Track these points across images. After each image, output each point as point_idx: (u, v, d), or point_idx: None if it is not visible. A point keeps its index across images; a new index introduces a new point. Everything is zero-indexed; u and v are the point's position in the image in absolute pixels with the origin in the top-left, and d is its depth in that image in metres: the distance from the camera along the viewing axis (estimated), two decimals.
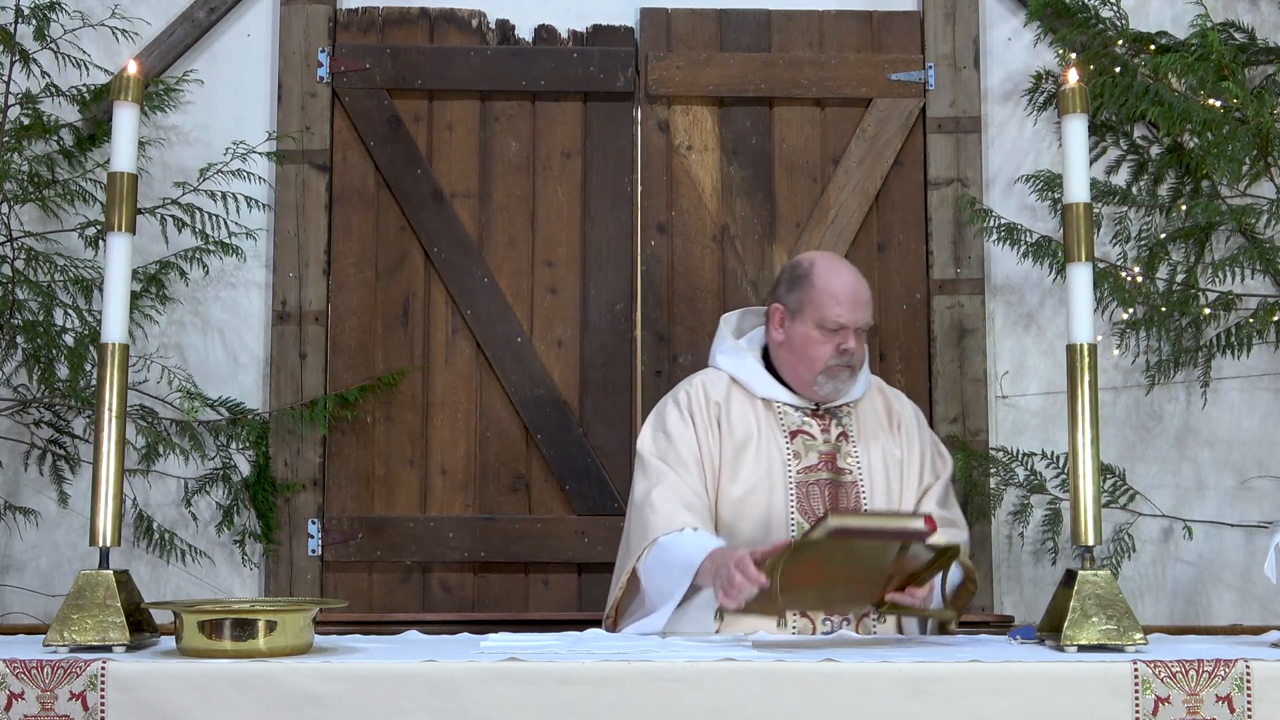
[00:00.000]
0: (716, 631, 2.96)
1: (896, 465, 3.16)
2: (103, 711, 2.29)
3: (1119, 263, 4.12)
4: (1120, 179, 4.21)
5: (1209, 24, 4.03)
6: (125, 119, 2.69)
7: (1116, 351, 4.13)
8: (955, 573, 2.93)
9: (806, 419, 3.15)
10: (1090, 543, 2.58)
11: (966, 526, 3.27)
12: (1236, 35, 4.17)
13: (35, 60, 4.07)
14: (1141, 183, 4.19)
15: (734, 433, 3.12)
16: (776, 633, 2.88)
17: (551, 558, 4.18)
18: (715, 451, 3.11)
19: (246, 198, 4.13)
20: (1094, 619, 2.49)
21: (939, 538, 2.77)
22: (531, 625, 3.87)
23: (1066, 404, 2.67)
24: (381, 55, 4.28)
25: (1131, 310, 4.06)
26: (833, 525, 2.56)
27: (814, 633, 2.97)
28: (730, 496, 3.08)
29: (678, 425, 3.13)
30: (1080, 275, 2.66)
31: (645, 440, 3.17)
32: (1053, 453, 4.09)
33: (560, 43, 4.33)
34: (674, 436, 3.12)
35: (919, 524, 2.63)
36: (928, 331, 4.26)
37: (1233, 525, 4.17)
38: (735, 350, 3.25)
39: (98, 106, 4.12)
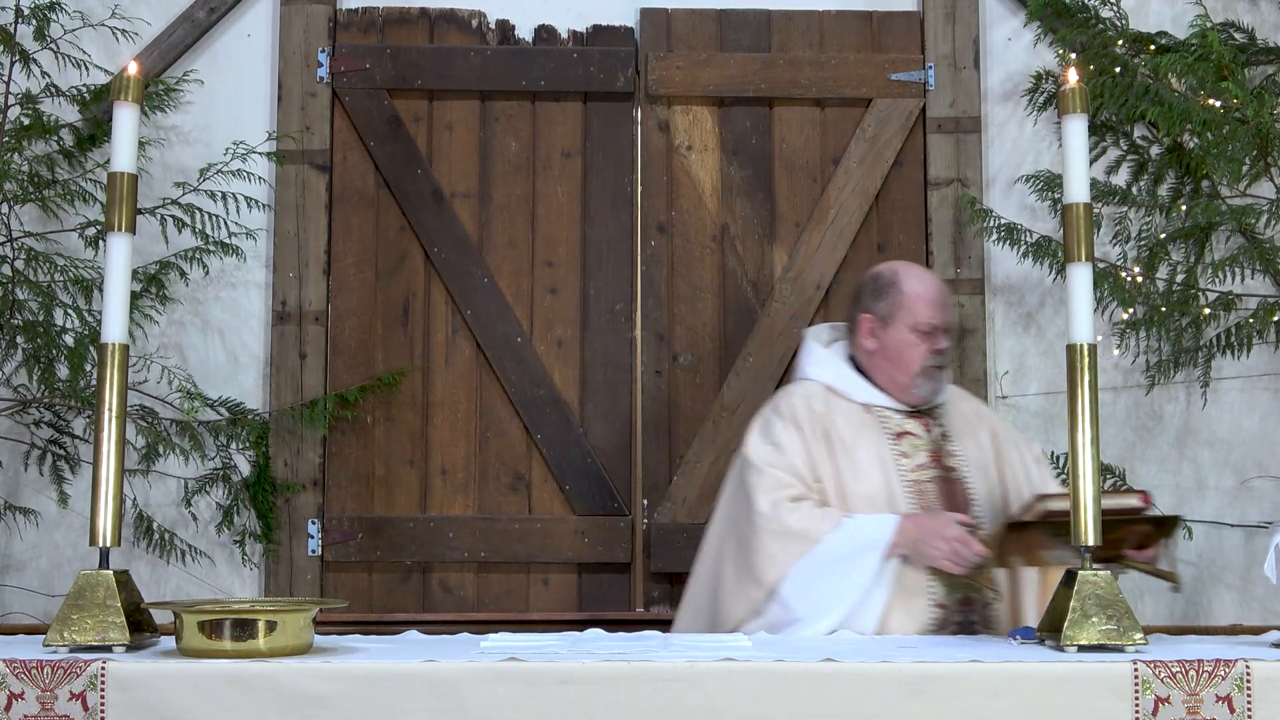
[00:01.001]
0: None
1: (992, 464, 3.24)
2: (103, 711, 2.28)
3: (1119, 263, 4.12)
4: (1120, 179, 4.21)
5: (1209, 24, 4.03)
6: (125, 119, 2.69)
7: (1116, 351, 4.13)
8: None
9: (908, 420, 3.20)
10: (1090, 543, 2.58)
11: None
12: (1236, 35, 4.17)
13: (35, 60, 4.07)
14: (1141, 183, 4.19)
15: (843, 439, 3.16)
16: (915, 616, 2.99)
17: (551, 558, 4.18)
18: (826, 459, 3.15)
19: (246, 198, 4.13)
20: (1094, 619, 2.49)
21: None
22: (531, 625, 3.88)
23: (1066, 404, 2.67)
24: (381, 55, 4.28)
25: (1131, 310, 4.06)
26: (1046, 508, 2.77)
27: (946, 626, 3.03)
28: (849, 502, 3.11)
29: (785, 435, 3.16)
30: (1080, 275, 2.66)
31: (752, 450, 3.17)
32: (1053, 453, 4.09)
33: (560, 43, 4.33)
34: (784, 446, 3.15)
35: (1134, 500, 2.84)
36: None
37: (1233, 525, 4.17)
38: (827, 360, 3.29)
39: (98, 106, 4.12)
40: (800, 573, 3.01)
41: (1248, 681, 2.31)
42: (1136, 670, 2.30)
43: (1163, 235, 4.12)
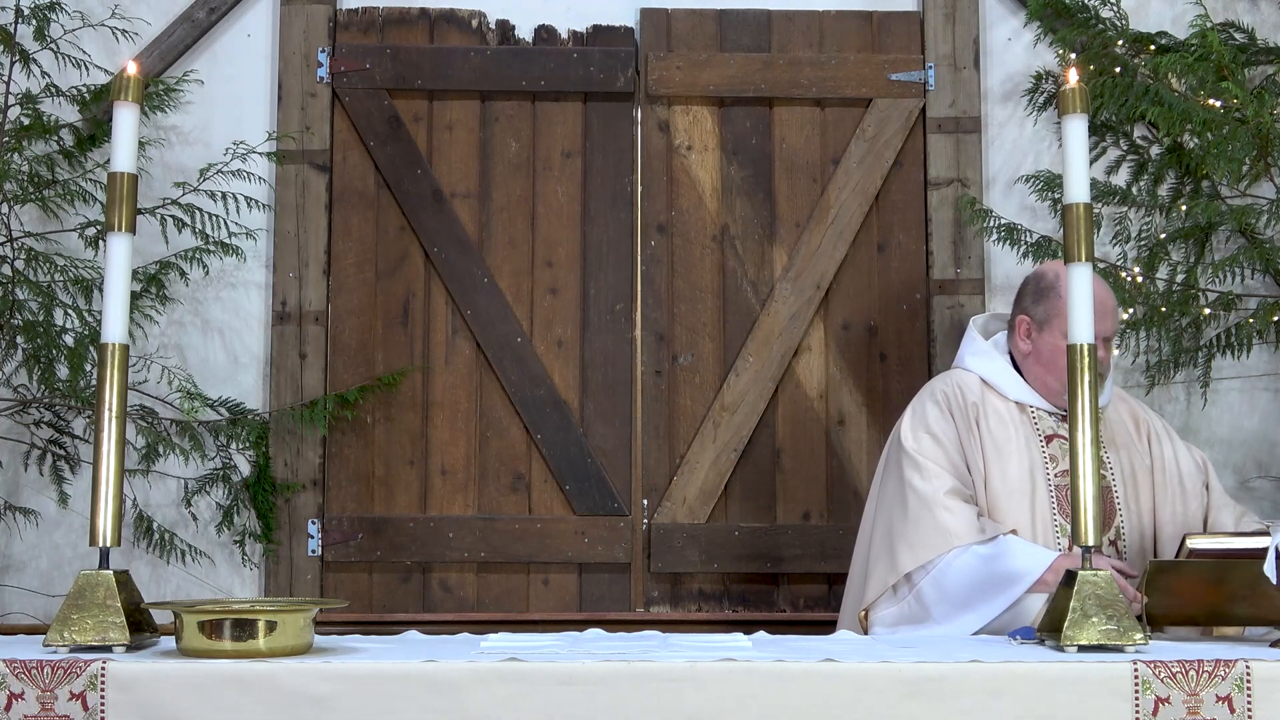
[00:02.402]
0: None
1: (1146, 473, 3.21)
2: (103, 711, 2.28)
3: (1119, 263, 4.12)
4: (1120, 179, 4.21)
5: (1209, 24, 4.03)
6: (125, 119, 2.69)
7: (1116, 351, 4.13)
8: None
9: (1061, 424, 3.18)
10: (1090, 543, 2.58)
11: None
12: (1236, 35, 4.17)
13: (35, 60, 4.07)
14: (1141, 183, 4.19)
15: (993, 433, 3.16)
16: None
17: (551, 558, 4.18)
18: (976, 451, 3.14)
19: (246, 198, 4.13)
20: (1094, 619, 2.49)
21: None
22: (531, 625, 3.88)
23: (1067, 404, 2.67)
24: (381, 55, 4.28)
25: (1131, 310, 4.06)
26: (1190, 547, 2.67)
27: None
28: (993, 497, 3.10)
29: (941, 424, 3.16)
30: (1080, 275, 2.66)
31: (908, 436, 3.16)
32: None
33: (560, 43, 4.33)
34: (940, 436, 3.15)
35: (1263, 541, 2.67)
36: (927, 331, 4.26)
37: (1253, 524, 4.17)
38: (987, 353, 3.28)
39: (98, 106, 4.12)
40: (942, 572, 3.02)
41: (1248, 681, 2.30)
42: (1136, 670, 2.30)
43: (1163, 235, 4.12)
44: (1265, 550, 2.66)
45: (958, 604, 2.99)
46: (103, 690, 2.29)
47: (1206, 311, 4.04)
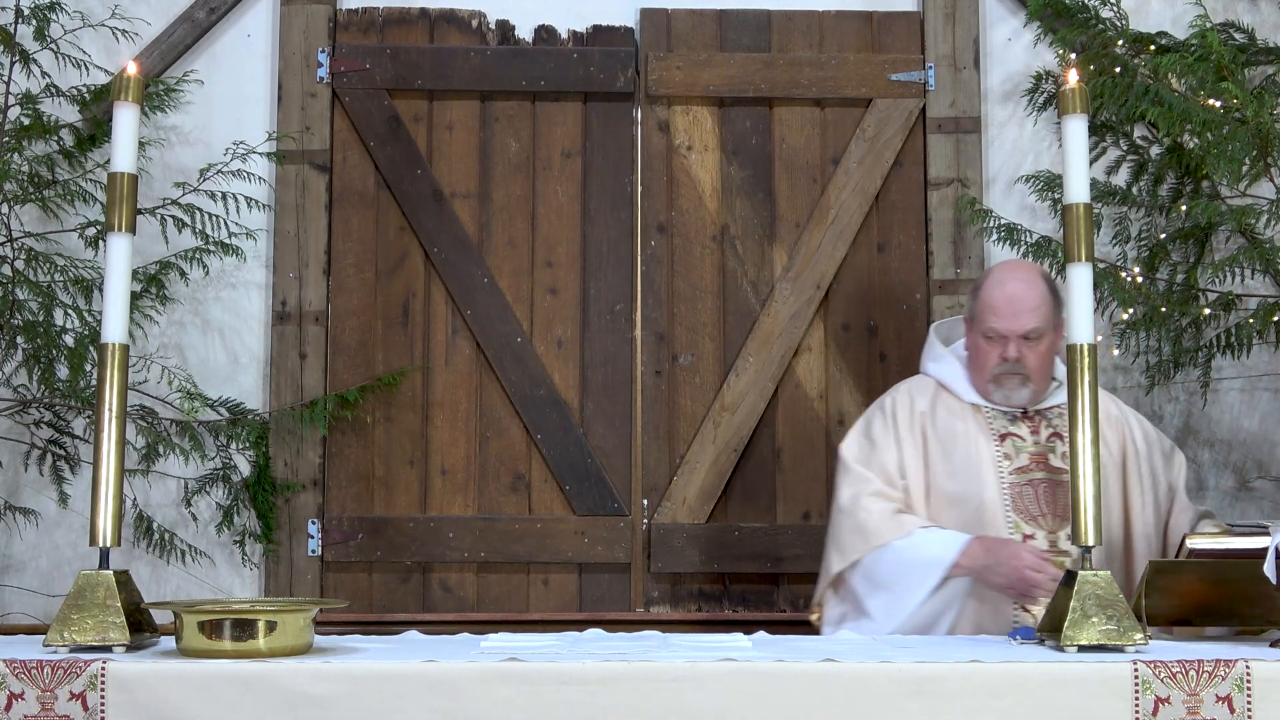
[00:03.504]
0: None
1: (1116, 468, 3.22)
2: (103, 711, 2.28)
3: (1119, 263, 4.12)
4: (1120, 179, 4.21)
5: (1209, 24, 4.03)
6: (125, 119, 2.69)
7: (1116, 351, 4.13)
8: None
9: (1015, 422, 3.20)
10: (1090, 543, 2.58)
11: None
12: (1236, 35, 4.16)
13: (35, 60, 4.07)
14: (1141, 183, 4.19)
15: (941, 438, 3.20)
16: None
17: (551, 558, 4.18)
18: (918, 459, 3.18)
19: (246, 198, 4.13)
20: (1094, 619, 2.49)
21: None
22: (531, 625, 3.88)
23: (1067, 404, 2.67)
24: (381, 55, 4.28)
25: (1131, 310, 4.05)
26: (1190, 547, 2.69)
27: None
28: (944, 494, 3.15)
29: (881, 433, 3.23)
30: (1080, 275, 2.66)
31: (850, 446, 3.26)
32: None
33: (560, 43, 4.33)
34: (877, 443, 3.22)
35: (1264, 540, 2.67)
36: (928, 332, 4.25)
37: (1232, 524, 4.16)
38: (942, 357, 3.32)
39: (98, 106, 4.12)
40: (867, 570, 3.10)
41: (1248, 681, 2.31)
42: (1136, 670, 2.30)
43: (1163, 235, 4.12)
44: (1265, 550, 2.66)
45: (887, 592, 3.07)
46: (103, 690, 2.29)
47: (1206, 311, 4.03)
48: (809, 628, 3.30)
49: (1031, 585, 2.95)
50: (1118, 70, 4.08)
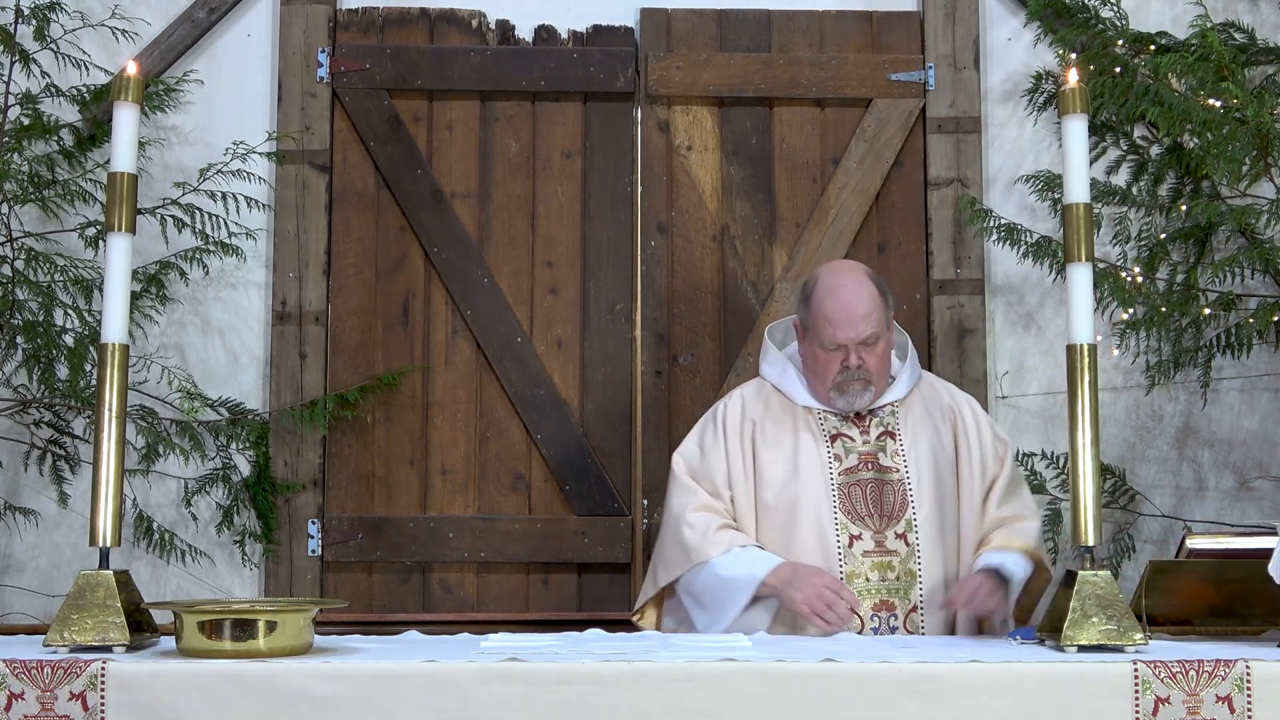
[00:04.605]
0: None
1: (950, 462, 3.21)
2: (103, 711, 2.28)
3: (1119, 263, 4.12)
4: (1120, 179, 4.21)
5: (1209, 24, 4.03)
6: (125, 119, 2.69)
7: (1116, 352, 4.13)
8: (1024, 564, 3.05)
9: (846, 422, 3.20)
10: (1090, 543, 2.58)
11: (1035, 510, 3.29)
12: (1236, 35, 4.17)
13: (35, 60, 4.07)
14: (1141, 183, 4.19)
15: (771, 443, 3.19)
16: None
17: (551, 558, 4.17)
18: (747, 469, 3.18)
19: (246, 198, 4.13)
20: (1094, 619, 2.49)
21: (1016, 538, 3.00)
22: (531, 625, 3.87)
23: (1066, 404, 2.67)
24: (381, 55, 4.28)
25: (1131, 310, 4.06)
26: (1190, 547, 2.69)
27: (863, 630, 3.02)
28: (770, 504, 3.14)
29: (710, 443, 3.24)
30: (1080, 275, 2.66)
31: (682, 455, 3.27)
32: (1053, 453, 4.09)
33: (560, 43, 4.33)
34: (706, 454, 3.22)
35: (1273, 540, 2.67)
36: (928, 331, 4.26)
37: (1233, 526, 4.17)
38: (776, 360, 3.32)
39: (98, 106, 4.12)
40: (688, 585, 3.13)
41: (1248, 681, 2.31)
42: (1136, 670, 2.30)
43: (1163, 235, 4.12)
44: (1265, 550, 2.66)
45: (707, 610, 3.10)
46: (103, 690, 2.29)
47: (1206, 311, 4.03)
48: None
49: (826, 604, 2.92)
50: (1118, 70, 4.09)
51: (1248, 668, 2.31)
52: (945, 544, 3.12)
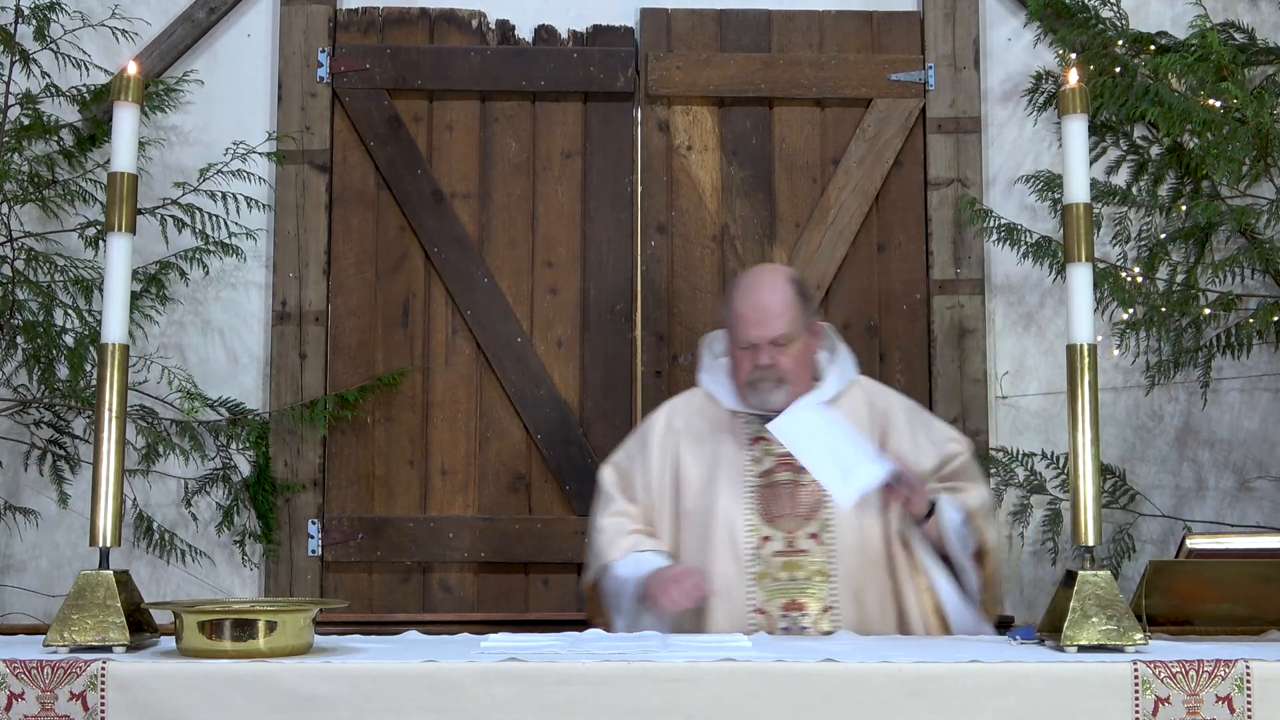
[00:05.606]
0: None
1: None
2: (103, 712, 2.28)
3: (1119, 263, 4.12)
4: (1120, 179, 4.21)
5: (1209, 24, 4.03)
6: (125, 119, 2.69)
7: (1116, 352, 4.13)
8: (959, 515, 3.07)
9: (766, 425, 3.19)
10: (1090, 543, 2.58)
11: (989, 497, 3.27)
12: (1236, 35, 4.17)
13: (35, 60, 4.07)
14: (1141, 183, 4.19)
15: (692, 450, 3.24)
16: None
17: (551, 558, 4.18)
18: (665, 476, 3.24)
19: (246, 198, 4.13)
20: (1094, 619, 2.49)
21: (971, 499, 3.05)
22: (531, 625, 3.87)
23: (1066, 404, 2.67)
24: (381, 55, 4.28)
25: (1131, 310, 4.05)
26: (1190, 547, 2.68)
27: (772, 630, 3.03)
28: (690, 510, 3.19)
29: (635, 452, 3.31)
30: (1080, 275, 2.66)
31: (610, 465, 3.35)
32: (1053, 453, 4.09)
33: (560, 43, 4.34)
34: (633, 461, 3.30)
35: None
36: (928, 331, 4.26)
37: (1233, 526, 4.17)
38: (710, 366, 3.35)
39: (98, 106, 4.12)
40: (602, 587, 3.22)
41: (1248, 681, 2.31)
42: (1136, 670, 2.30)
43: (1163, 235, 4.12)
44: (1265, 550, 2.66)
45: (616, 610, 3.18)
46: (103, 690, 2.29)
47: (1206, 311, 4.03)
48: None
49: (669, 580, 2.98)
50: (1118, 70, 4.09)
51: (1248, 668, 2.31)
52: (863, 544, 3.11)
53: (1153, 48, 4.12)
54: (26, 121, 4.04)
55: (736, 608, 3.07)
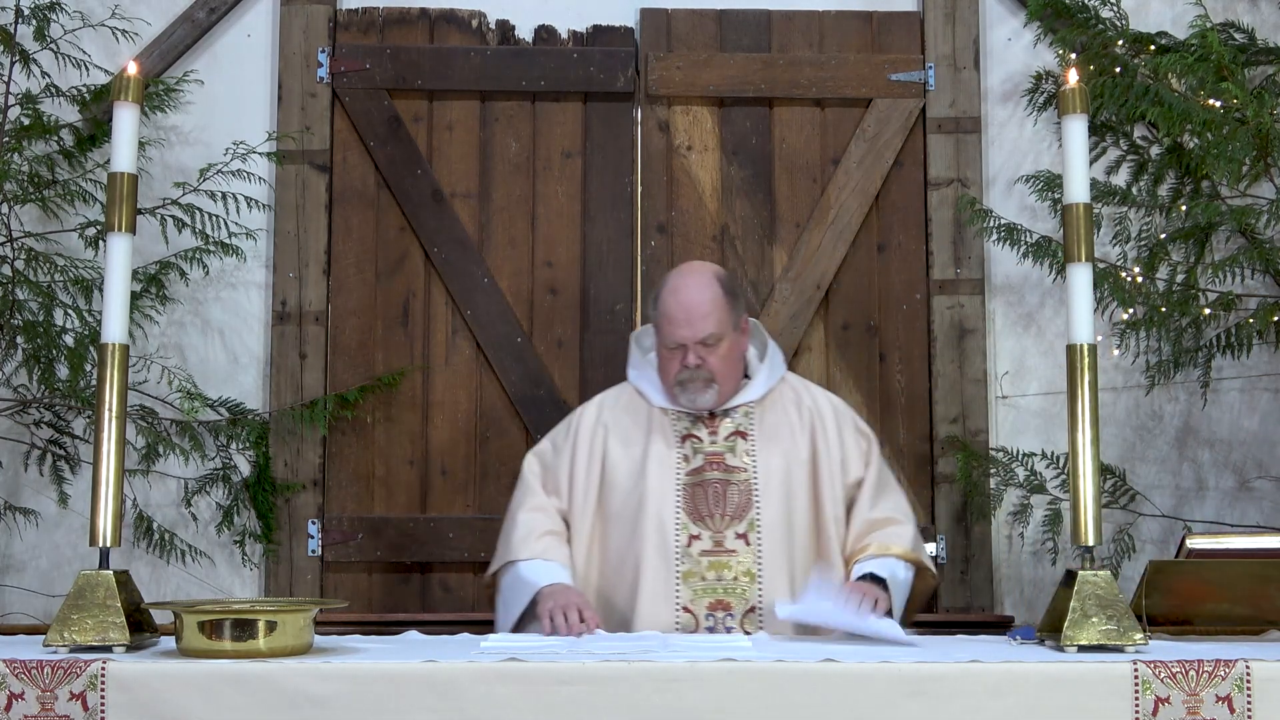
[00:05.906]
0: None
1: (802, 464, 3.18)
2: (103, 712, 2.29)
3: (1119, 263, 4.12)
4: (1120, 179, 4.21)
5: (1209, 24, 4.03)
6: (125, 119, 2.69)
7: (1116, 352, 4.13)
8: (904, 568, 3.05)
9: (696, 423, 3.20)
10: (1090, 543, 2.58)
11: (909, 514, 3.23)
12: (1236, 35, 4.17)
13: (35, 60, 4.07)
14: (1141, 183, 4.19)
15: (620, 446, 3.21)
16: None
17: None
18: (592, 472, 3.20)
19: (246, 198, 4.13)
20: (1094, 619, 2.49)
21: (894, 542, 3.01)
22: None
23: (1066, 404, 2.67)
24: (381, 55, 4.28)
25: (1131, 310, 4.06)
26: (1190, 547, 2.68)
27: (697, 629, 3.02)
28: (617, 506, 3.16)
29: (559, 446, 3.28)
30: (1080, 275, 2.66)
31: (533, 455, 3.33)
32: (1053, 453, 4.09)
33: (560, 43, 4.34)
34: (557, 454, 3.27)
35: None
36: (928, 331, 4.26)
37: (1233, 526, 4.17)
38: (639, 363, 3.34)
39: (98, 106, 4.12)
40: (502, 578, 3.17)
41: (1248, 681, 2.31)
42: (1136, 670, 2.30)
43: (1163, 235, 4.12)
44: (1265, 550, 2.67)
45: (505, 606, 3.14)
46: (103, 690, 2.29)
47: (1206, 311, 4.03)
48: None
49: (563, 611, 2.88)
50: (1118, 70, 4.09)
51: (1248, 668, 2.31)
52: (792, 546, 3.10)
53: (1153, 48, 4.12)
54: (26, 121, 4.04)
55: (662, 606, 3.04)
